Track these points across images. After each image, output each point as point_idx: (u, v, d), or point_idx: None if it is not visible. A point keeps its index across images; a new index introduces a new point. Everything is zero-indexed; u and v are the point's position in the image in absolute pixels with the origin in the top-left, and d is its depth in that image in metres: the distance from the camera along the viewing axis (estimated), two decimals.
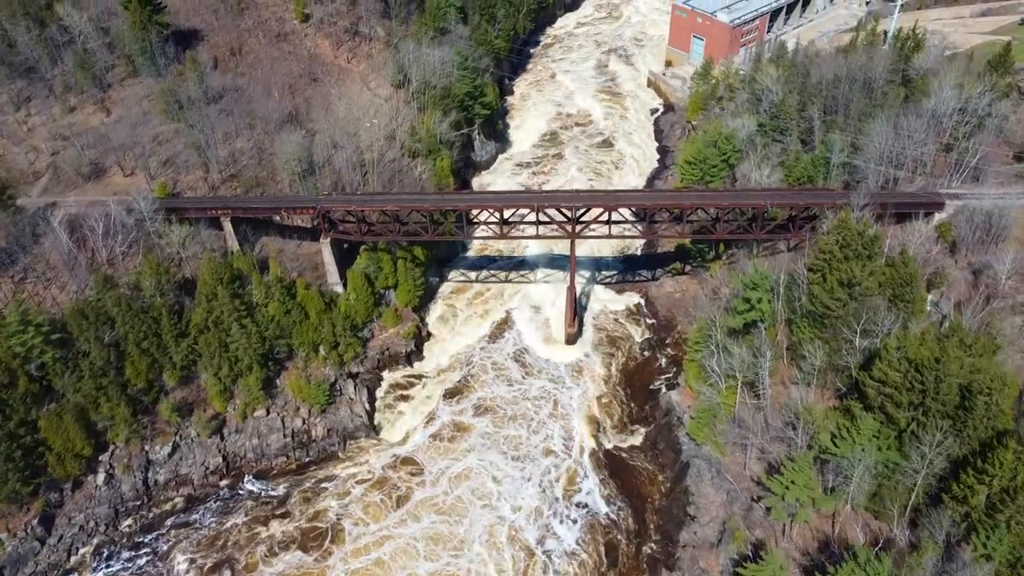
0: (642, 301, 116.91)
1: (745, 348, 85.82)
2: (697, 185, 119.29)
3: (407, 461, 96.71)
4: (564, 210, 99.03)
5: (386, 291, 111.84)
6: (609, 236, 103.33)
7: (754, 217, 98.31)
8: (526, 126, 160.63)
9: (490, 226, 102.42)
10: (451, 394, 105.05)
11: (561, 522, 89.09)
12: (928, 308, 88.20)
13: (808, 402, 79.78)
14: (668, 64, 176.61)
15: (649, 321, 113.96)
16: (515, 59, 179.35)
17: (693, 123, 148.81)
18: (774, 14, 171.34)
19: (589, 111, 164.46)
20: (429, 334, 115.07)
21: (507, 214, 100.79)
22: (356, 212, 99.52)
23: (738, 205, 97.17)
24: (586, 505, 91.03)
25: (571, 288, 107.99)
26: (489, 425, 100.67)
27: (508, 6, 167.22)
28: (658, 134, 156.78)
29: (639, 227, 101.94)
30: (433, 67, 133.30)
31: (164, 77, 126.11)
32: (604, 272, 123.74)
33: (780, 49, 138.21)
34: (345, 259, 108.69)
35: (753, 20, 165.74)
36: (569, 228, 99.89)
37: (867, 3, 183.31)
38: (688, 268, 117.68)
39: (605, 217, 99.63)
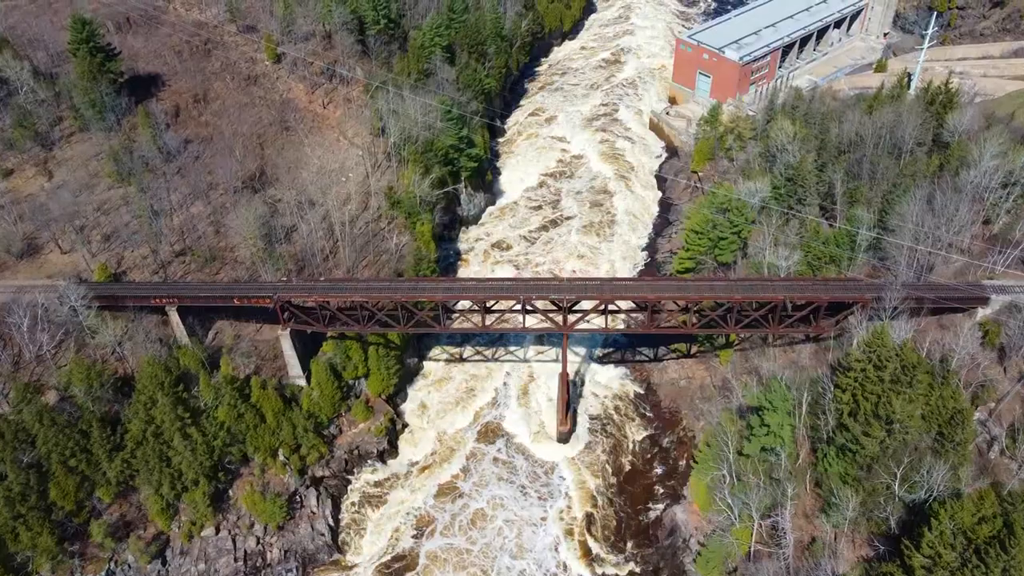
0: (643, 389, 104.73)
1: (762, 476, 73.83)
2: (705, 256, 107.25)
3: None
4: (554, 301, 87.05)
5: (356, 380, 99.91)
6: (605, 329, 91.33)
7: (772, 308, 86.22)
8: (518, 172, 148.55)
9: (471, 317, 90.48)
10: (425, 504, 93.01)
11: None
12: (975, 427, 76.03)
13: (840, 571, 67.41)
14: (672, 101, 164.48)
15: (650, 414, 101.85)
16: (508, 95, 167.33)
17: (699, 174, 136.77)
18: (786, 49, 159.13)
19: (585, 154, 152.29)
20: (405, 425, 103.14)
21: (493, 300, 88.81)
22: (319, 302, 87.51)
23: (752, 299, 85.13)
24: None
25: (563, 379, 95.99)
26: (464, 542, 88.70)
27: (500, 41, 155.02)
28: (660, 183, 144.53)
29: (639, 318, 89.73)
30: (414, 119, 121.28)
31: (117, 132, 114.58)
32: (601, 349, 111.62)
33: (795, 97, 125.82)
34: (309, 349, 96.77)
35: (764, 57, 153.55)
36: (560, 320, 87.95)
37: (885, 34, 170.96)
38: (695, 350, 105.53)
39: (601, 308, 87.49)
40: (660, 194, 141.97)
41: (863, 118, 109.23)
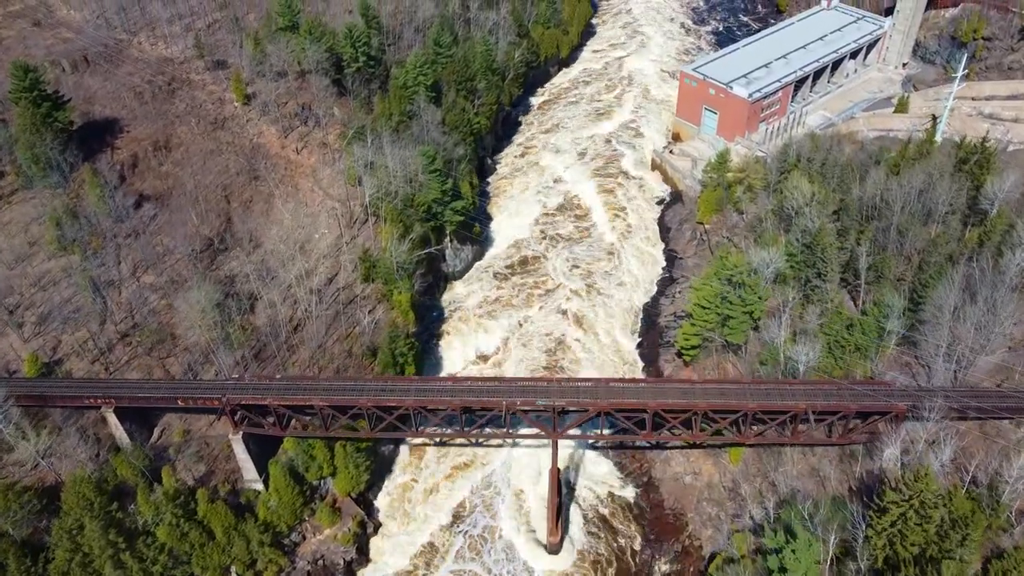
0: (643, 486, 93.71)
1: None
2: (713, 332, 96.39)
3: None
4: (542, 406, 76.18)
5: (322, 480, 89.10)
6: (600, 438, 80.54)
7: (791, 416, 75.37)
8: (510, 219, 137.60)
9: (449, 420, 79.80)
10: None
11: None
12: None
13: None
14: (675, 138, 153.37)
15: (651, 515, 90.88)
16: (500, 130, 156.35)
17: (706, 226, 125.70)
18: (799, 83, 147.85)
19: (582, 197, 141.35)
20: (378, 526, 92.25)
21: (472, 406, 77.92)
22: (274, 406, 76.77)
23: (768, 409, 74.19)
24: None
25: (554, 483, 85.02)
26: None
27: (491, 75, 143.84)
28: (663, 232, 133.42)
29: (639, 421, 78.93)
30: (392, 172, 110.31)
31: (65, 188, 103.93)
32: (597, 432, 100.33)
33: (811, 147, 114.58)
34: (266, 448, 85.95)
35: (775, 93, 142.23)
36: (549, 426, 77.15)
37: (904, 65, 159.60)
38: (702, 438, 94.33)
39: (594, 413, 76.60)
40: (663, 245, 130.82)
41: (888, 179, 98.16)
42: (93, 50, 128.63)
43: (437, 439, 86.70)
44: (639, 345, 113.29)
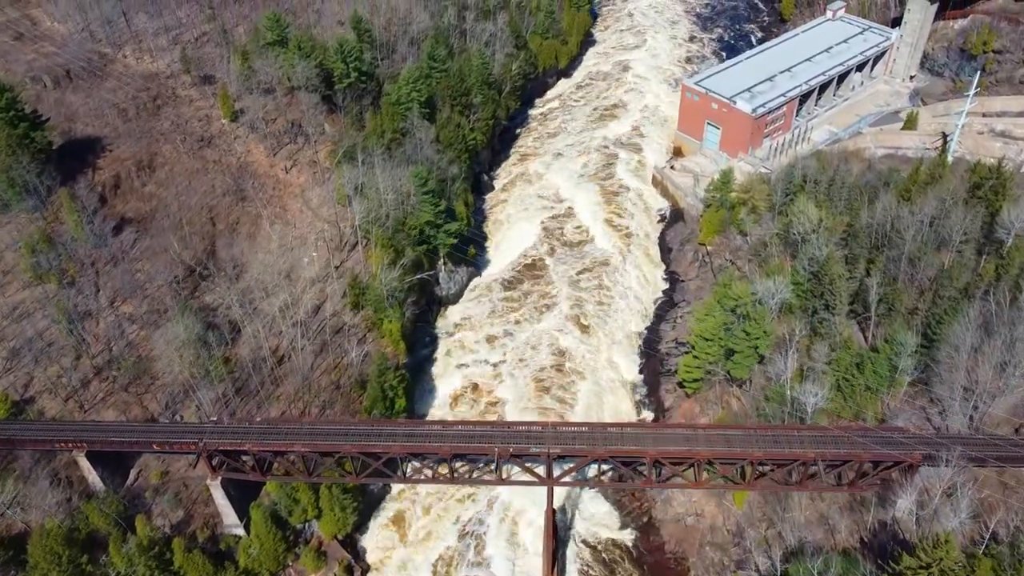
0: (643, 527, 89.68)
1: None
2: (715, 365, 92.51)
3: None
4: (536, 452, 72.16)
5: (306, 523, 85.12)
6: (598, 485, 76.62)
7: (801, 464, 71.38)
8: (507, 238, 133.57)
9: (438, 466, 75.85)
10: None
11: None
12: None
13: None
14: (676, 152, 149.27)
15: (652, 559, 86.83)
16: (497, 145, 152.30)
17: (708, 247, 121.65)
18: (804, 96, 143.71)
19: (581, 215, 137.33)
20: (366, 570, 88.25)
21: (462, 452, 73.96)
22: (253, 452, 72.85)
23: (776, 458, 70.17)
24: None
25: (548, 530, 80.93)
26: None
27: (487, 89, 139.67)
28: (664, 252, 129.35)
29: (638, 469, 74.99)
30: (383, 195, 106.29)
31: (42, 212, 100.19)
32: (594, 468, 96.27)
33: (817, 169, 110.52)
34: (247, 492, 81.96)
35: (779, 107, 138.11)
36: (543, 471, 73.19)
37: (911, 77, 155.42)
38: (704, 476, 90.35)
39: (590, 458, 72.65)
40: (664, 266, 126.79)
41: (899, 205, 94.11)
42: (76, 65, 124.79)
43: (426, 483, 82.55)
44: (640, 372, 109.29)
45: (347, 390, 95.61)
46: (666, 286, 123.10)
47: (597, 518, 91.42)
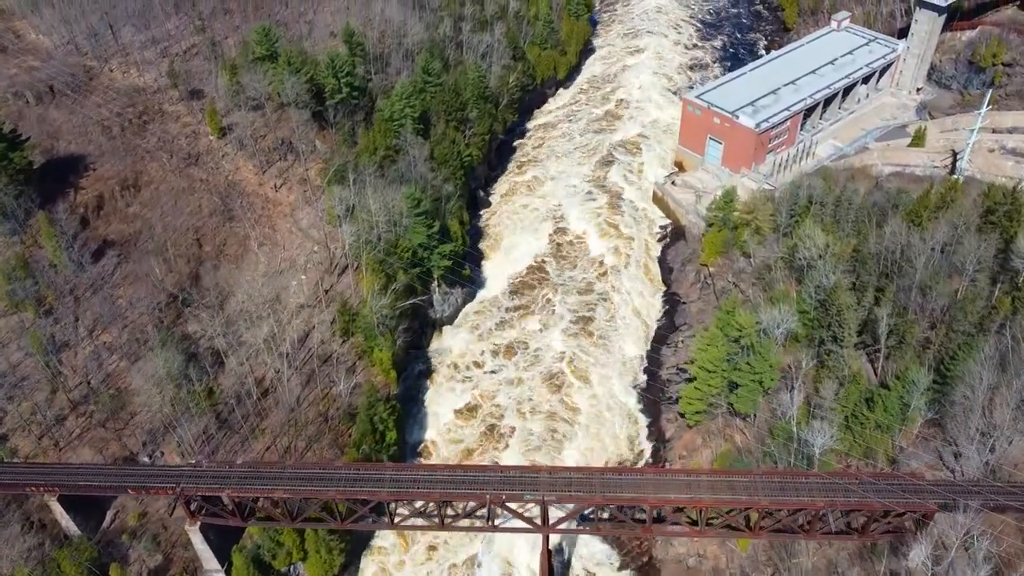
0: (642, 570, 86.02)
1: None
2: (718, 398, 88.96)
3: None
4: (530, 500, 68.63)
5: (291, 567, 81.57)
6: (596, 532, 73.04)
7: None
8: (503, 257, 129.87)
9: (428, 511, 72.29)
10: None
11: None
12: None
13: None
14: (678, 167, 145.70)
15: None
16: (494, 160, 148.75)
17: (710, 269, 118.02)
18: (808, 110, 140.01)
19: (580, 233, 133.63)
20: None
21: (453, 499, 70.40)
22: (232, 498, 69.36)
23: (783, 507, 66.57)
24: None
25: (544, 574, 77.31)
26: None
27: (483, 103, 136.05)
28: (665, 273, 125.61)
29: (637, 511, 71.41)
30: (375, 217, 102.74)
31: (21, 235, 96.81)
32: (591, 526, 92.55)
33: (824, 190, 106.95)
34: (228, 535, 78.38)
35: (783, 122, 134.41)
36: (538, 520, 69.64)
37: (918, 90, 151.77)
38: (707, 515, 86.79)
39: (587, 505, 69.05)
40: (665, 287, 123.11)
41: (909, 231, 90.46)
42: (60, 79, 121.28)
43: (414, 528, 79.08)
44: (639, 401, 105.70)
45: (335, 423, 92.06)
46: (667, 308, 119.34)
47: (596, 557, 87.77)
